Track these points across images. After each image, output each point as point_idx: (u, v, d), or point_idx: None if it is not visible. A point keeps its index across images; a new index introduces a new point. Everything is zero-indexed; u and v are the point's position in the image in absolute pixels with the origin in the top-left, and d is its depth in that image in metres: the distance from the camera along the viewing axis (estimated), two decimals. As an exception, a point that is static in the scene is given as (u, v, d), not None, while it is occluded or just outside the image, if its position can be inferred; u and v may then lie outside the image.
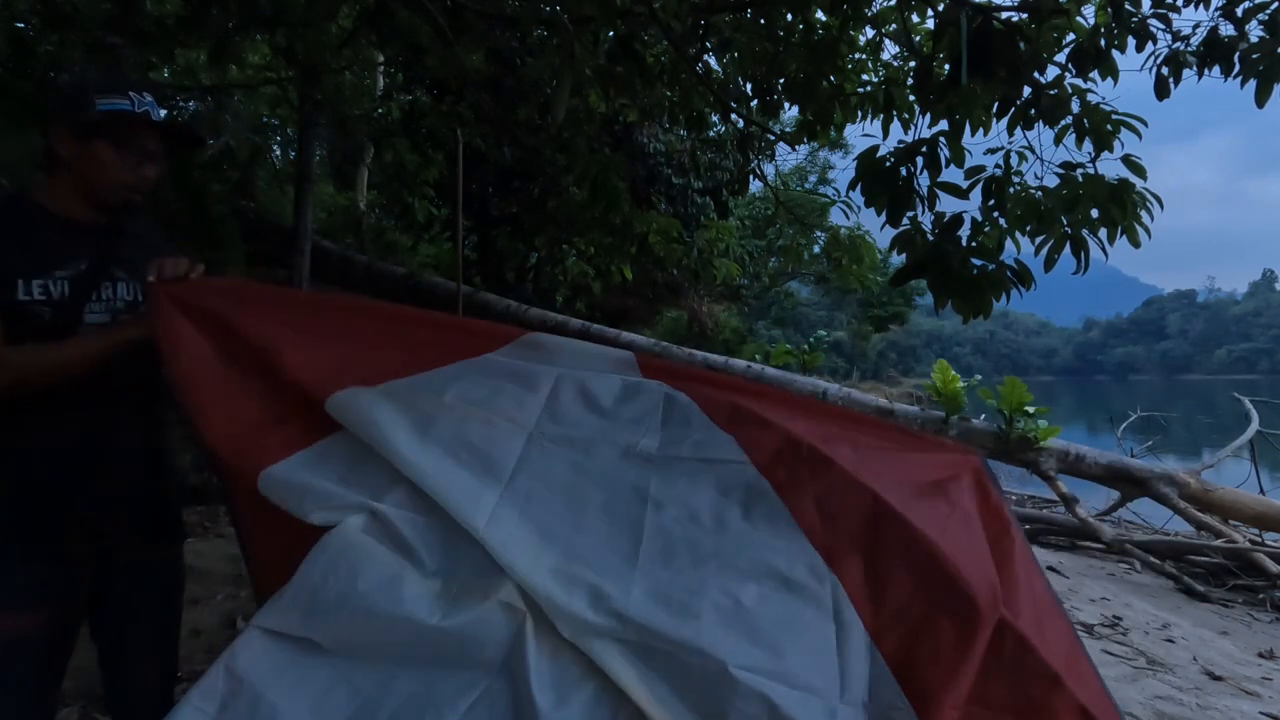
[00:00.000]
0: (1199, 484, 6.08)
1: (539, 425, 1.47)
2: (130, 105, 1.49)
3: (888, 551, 1.30)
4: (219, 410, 1.40)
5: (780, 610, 1.21)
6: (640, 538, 1.29)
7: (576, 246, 9.02)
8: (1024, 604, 1.32)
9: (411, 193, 8.35)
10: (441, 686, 1.13)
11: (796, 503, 1.35)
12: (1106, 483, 6.51)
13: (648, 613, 1.17)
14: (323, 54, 5.19)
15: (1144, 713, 2.89)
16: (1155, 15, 3.11)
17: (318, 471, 1.34)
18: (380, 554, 1.23)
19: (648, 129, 8.62)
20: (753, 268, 16.43)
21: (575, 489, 1.38)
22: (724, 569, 1.26)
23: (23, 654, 1.41)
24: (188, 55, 7.03)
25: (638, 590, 1.20)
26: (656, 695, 1.10)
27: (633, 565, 1.25)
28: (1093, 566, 6.06)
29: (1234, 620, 4.87)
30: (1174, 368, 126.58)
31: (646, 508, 1.34)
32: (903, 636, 1.21)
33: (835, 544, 1.31)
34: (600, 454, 1.44)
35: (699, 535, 1.31)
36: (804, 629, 1.20)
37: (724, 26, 4.35)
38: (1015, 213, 3.24)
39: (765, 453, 1.42)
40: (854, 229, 5.78)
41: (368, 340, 1.58)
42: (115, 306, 1.53)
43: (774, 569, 1.26)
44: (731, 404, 1.51)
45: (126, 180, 1.52)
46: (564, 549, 1.27)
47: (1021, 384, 6.50)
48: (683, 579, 1.23)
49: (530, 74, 6.08)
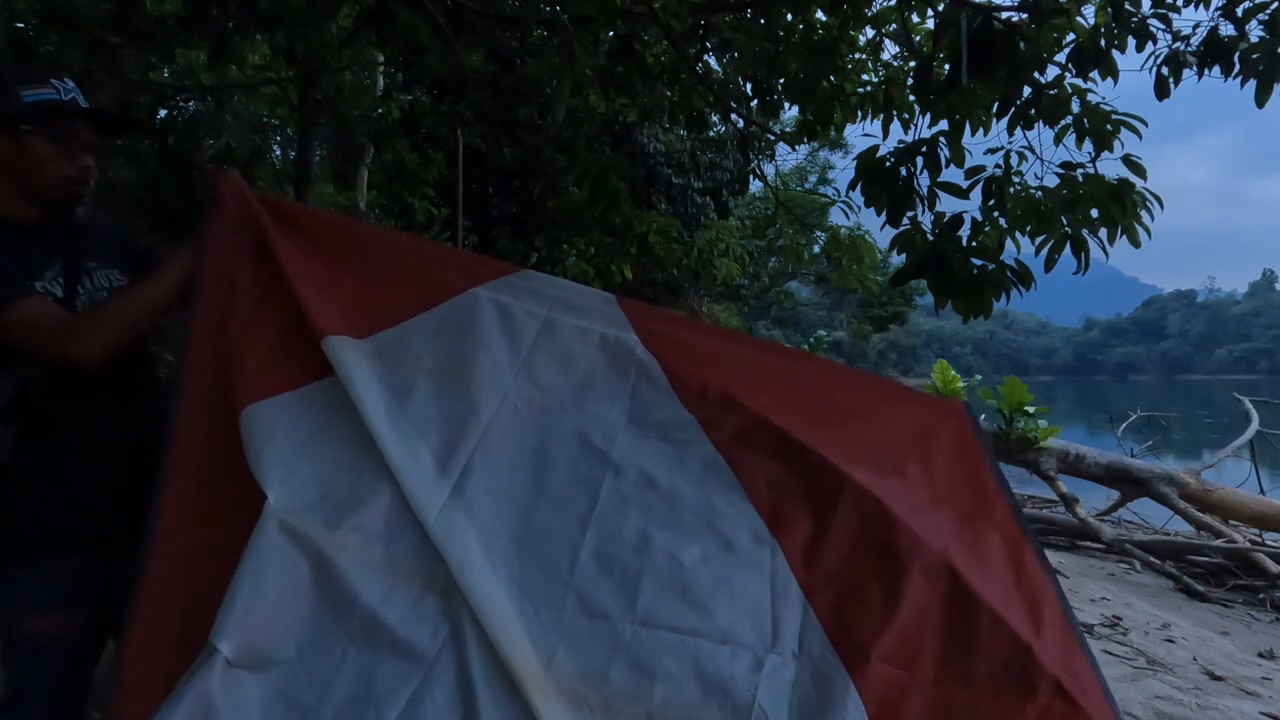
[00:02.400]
0: (1199, 484, 6.08)
1: (515, 386, 1.51)
2: (56, 94, 1.41)
3: (834, 516, 1.40)
4: (224, 337, 1.41)
5: (718, 571, 1.32)
6: (596, 500, 1.38)
7: (576, 246, 9.01)
8: (998, 571, 1.39)
9: (411, 193, 8.36)
10: (381, 682, 1.15)
11: (749, 477, 1.45)
12: (1106, 483, 6.52)
13: (589, 584, 1.27)
14: (323, 54, 5.19)
15: (1144, 713, 2.89)
16: (1155, 15, 3.11)
17: (295, 422, 1.36)
18: (309, 546, 1.23)
19: (648, 129, 8.62)
20: (753, 268, 16.43)
21: (538, 455, 1.44)
22: (671, 530, 1.36)
23: (56, 656, 1.37)
24: (188, 55, 7.02)
25: (580, 574, 1.29)
26: (590, 668, 1.18)
27: (583, 531, 1.34)
28: (1093, 566, 6.06)
29: (1234, 620, 4.87)
30: (1174, 368, 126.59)
31: (607, 472, 1.42)
32: (836, 594, 1.32)
33: (781, 511, 1.41)
34: (568, 419, 1.50)
35: (651, 499, 1.40)
36: (739, 589, 1.31)
37: (724, 26, 4.35)
38: (1015, 213, 3.24)
39: (726, 433, 1.50)
40: (854, 229, 5.78)
41: (375, 274, 1.60)
42: (97, 297, 1.49)
43: (719, 533, 1.37)
44: (701, 380, 1.56)
45: (67, 172, 1.45)
46: (509, 560, 1.29)
47: (1021, 384, 6.51)
48: (629, 541, 1.33)
49: (530, 74, 6.07)
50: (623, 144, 8.45)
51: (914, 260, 3.33)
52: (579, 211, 6.96)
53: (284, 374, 1.41)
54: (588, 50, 3.57)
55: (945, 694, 1.21)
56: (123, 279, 1.56)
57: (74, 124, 1.46)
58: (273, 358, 1.42)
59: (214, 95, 7.78)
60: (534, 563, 1.29)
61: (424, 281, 1.60)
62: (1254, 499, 6.23)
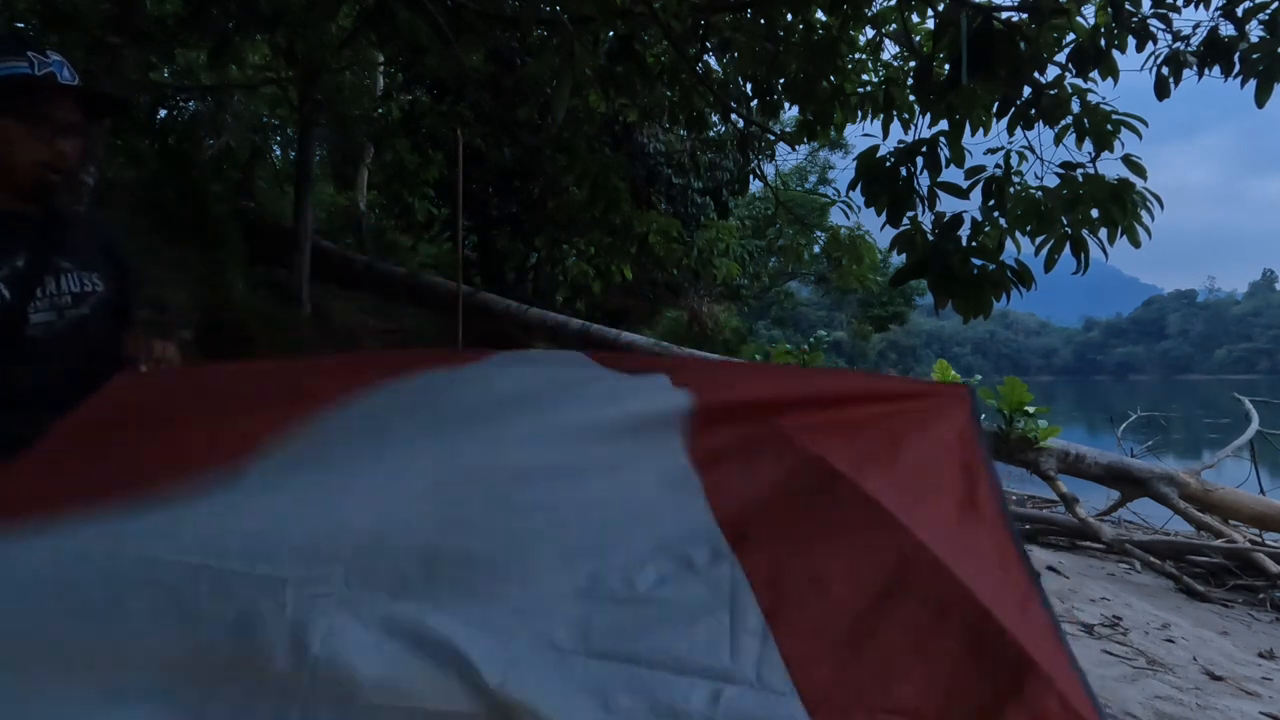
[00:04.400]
0: (1199, 484, 6.08)
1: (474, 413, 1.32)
2: (30, 68, 1.26)
3: (804, 524, 1.26)
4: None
5: (674, 595, 1.17)
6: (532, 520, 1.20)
7: (576, 246, 9.02)
8: (984, 576, 1.31)
9: (411, 193, 8.37)
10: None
11: (714, 489, 1.29)
12: (1106, 483, 6.51)
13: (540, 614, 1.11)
14: (323, 54, 5.19)
15: (1144, 713, 2.88)
16: (1155, 15, 3.11)
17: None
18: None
19: (648, 129, 8.62)
20: (753, 268, 16.41)
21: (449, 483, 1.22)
22: (628, 549, 1.21)
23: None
24: (188, 55, 7.03)
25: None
26: (545, 704, 1.03)
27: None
28: (1093, 566, 6.06)
29: (1234, 620, 4.86)
30: (1174, 368, 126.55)
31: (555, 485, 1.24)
32: (799, 617, 1.17)
33: (746, 526, 1.25)
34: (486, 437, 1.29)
35: (601, 514, 1.23)
36: (697, 614, 1.16)
37: (724, 26, 4.35)
38: (1015, 213, 3.25)
39: (702, 451, 1.34)
40: (854, 229, 5.79)
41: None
42: (61, 302, 1.36)
43: (678, 552, 1.21)
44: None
45: (40, 157, 1.30)
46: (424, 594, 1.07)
47: (1021, 384, 6.51)
48: (586, 564, 1.16)
49: (530, 74, 6.07)
50: (623, 144, 8.46)
51: (914, 260, 3.34)
52: (579, 211, 6.97)
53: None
54: (588, 50, 3.57)
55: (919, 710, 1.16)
56: (100, 284, 1.44)
57: (50, 102, 1.30)
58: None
59: (214, 95, 7.79)
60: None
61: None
62: (1254, 499, 6.23)
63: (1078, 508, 6.16)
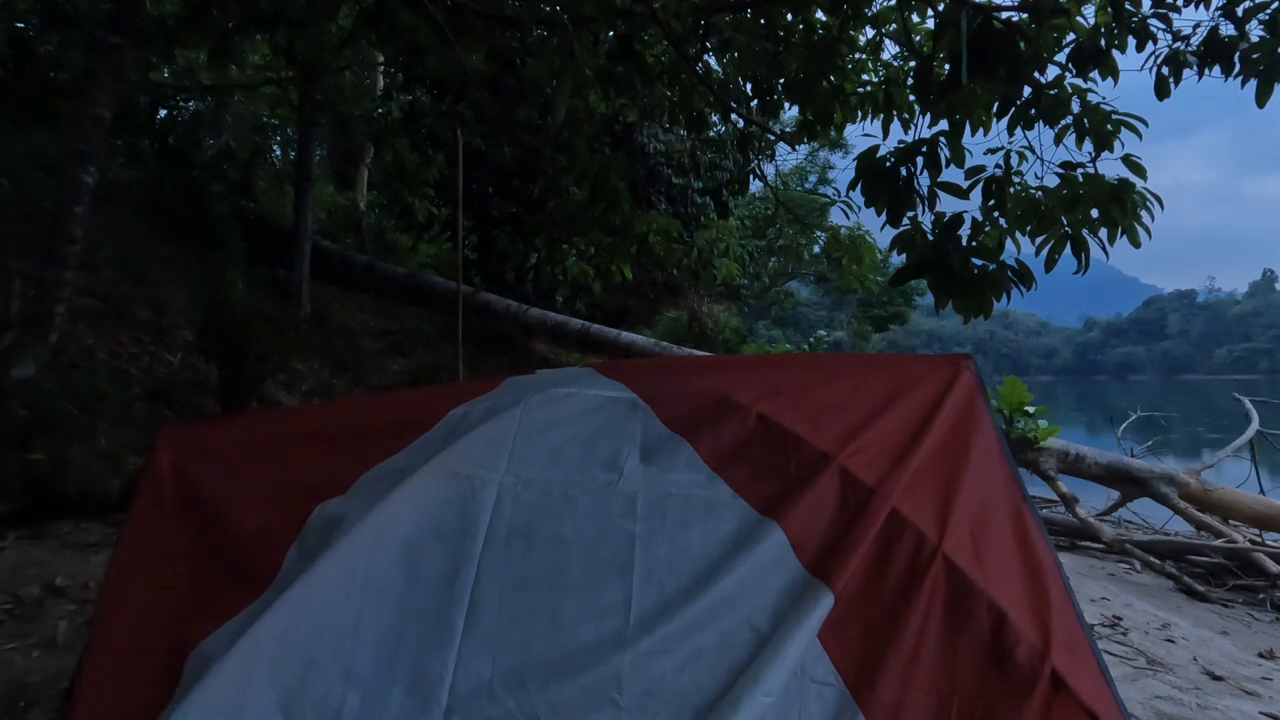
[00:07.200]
0: (1199, 484, 6.08)
1: (509, 472, 1.40)
2: None
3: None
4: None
5: (732, 659, 1.20)
6: (630, 574, 1.27)
7: (576, 246, 9.02)
8: (998, 555, 1.38)
9: (411, 193, 8.36)
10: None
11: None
12: (1106, 483, 6.51)
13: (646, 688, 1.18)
14: (323, 54, 5.19)
15: (1144, 713, 2.88)
16: (1155, 15, 3.11)
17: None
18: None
19: (648, 129, 8.62)
20: (753, 268, 16.40)
21: (555, 547, 1.31)
22: (694, 614, 1.24)
23: None
24: (188, 55, 7.03)
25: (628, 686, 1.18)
26: None
27: (625, 626, 1.23)
28: (1093, 566, 6.05)
29: (1234, 620, 4.86)
30: (1174, 368, 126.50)
31: (635, 549, 1.29)
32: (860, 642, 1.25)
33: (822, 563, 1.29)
34: (579, 494, 1.38)
35: (682, 581, 1.27)
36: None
37: (724, 26, 4.35)
38: (1015, 213, 3.25)
39: (759, 491, 1.38)
40: (854, 229, 5.79)
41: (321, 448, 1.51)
42: None
43: (745, 618, 1.24)
44: (714, 444, 1.44)
45: None
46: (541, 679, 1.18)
47: (1021, 384, 6.51)
48: (660, 634, 1.21)
49: (530, 74, 6.08)
50: (623, 144, 8.45)
51: (914, 260, 3.34)
52: (579, 211, 6.97)
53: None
54: (588, 50, 3.57)
55: (941, 700, 1.19)
56: None
57: None
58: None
59: (214, 95, 7.79)
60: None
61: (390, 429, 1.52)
62: (1254, 499, 6.23)
63: (1078, 508, 6.15)
